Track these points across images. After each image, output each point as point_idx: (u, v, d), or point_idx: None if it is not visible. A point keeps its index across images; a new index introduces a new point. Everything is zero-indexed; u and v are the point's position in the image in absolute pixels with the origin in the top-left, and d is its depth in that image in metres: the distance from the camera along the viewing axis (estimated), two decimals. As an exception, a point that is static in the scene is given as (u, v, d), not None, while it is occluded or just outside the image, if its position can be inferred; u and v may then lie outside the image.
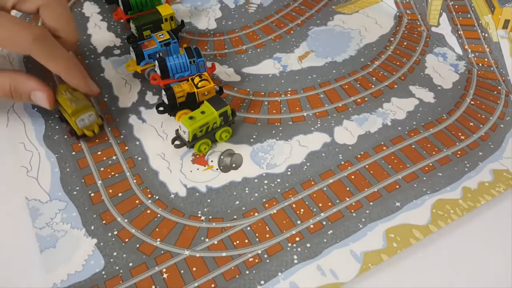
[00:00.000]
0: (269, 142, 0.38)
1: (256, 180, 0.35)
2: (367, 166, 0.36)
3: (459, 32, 0.45)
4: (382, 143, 0.37)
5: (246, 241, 0.31)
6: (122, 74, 0.44)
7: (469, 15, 0.43)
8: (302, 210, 0.33)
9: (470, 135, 0.38)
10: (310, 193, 0.34)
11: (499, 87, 0.42)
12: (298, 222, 0.32)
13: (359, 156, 0.36)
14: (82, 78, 0.37)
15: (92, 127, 0.37)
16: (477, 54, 0.44)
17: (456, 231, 0.32)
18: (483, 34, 0.43)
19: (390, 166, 0.35)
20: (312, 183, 0.34)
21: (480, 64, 0.44)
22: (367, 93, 0.42)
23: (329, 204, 0.33)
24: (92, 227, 0.32)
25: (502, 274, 0.29)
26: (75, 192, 0.34)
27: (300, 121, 0.39)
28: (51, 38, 0.35)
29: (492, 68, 0.43)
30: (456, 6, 0.44)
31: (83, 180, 0.35)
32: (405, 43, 0.48)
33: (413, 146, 0.37)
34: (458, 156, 0.36)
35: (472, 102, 0.41)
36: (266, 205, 0.33)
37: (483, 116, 0.40)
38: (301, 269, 0.29)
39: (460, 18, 0.44)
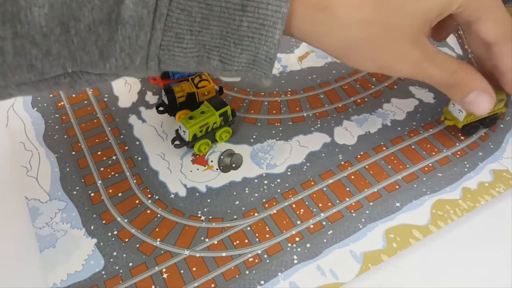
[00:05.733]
0: (269, 142, 0.38)
1: (256, 180, 0.35)
2: (367, 167, 0.36)
3: (459, 32, 0.45)
4: (382, 143, 0.37)
5: (246, 241, 0.31)
6: (122, 74, 0.44)
7: (469, 15, 0.43)
8: (302, 210, 0.33)
9: (469, 136, 0.38)
10: (310, 193, 0.34)
11: (499, 87, 0.42)
12: (298, 222, 0.32)
13: (359, 156, 0.36)
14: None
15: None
16: (477, 54, 0.44)
17: (456, 232, 0.32)
18: (483, 34, 0.42)
19: (390, 167, 0.35)
20: (312, 183, 0.34)
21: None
22: (367, 93, 0.42)
23: (329, 204, 0.33)
24: (92, 227, 0.32)
25: (502, 274, 0.29)
26: (75, 192, 0.34)
27: (300, 121, 0.39)
28: None
29: (492, 68, 0.43)
30: (456, 6, 0.44)
31: (83, 180, 0.35)
32: (405, 43, 0.48)
33: (412, 147, 0.37)
34: (457, 156, 0.36)
35: (472, 102, 0.41)
36: (266, 205, 0.33)
37: (483, 116, 0.40)
38: (301, 269, 0.29)
39: (460, 18, 0.44)
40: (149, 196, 0.34)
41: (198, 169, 0.36)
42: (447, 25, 0.33)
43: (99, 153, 0.37)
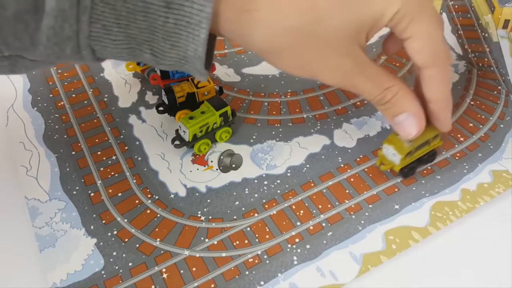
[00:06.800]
0: (269, 143, 0.38)
1: (256, 181, 0.35)
2: (366, 169, 0.35)
3: (459, 32, 0.45)
4: (381, 147, 0.37)
5: (246, 241, 0.31)
6: (122, 74, 0.44)
7: (469, 15, 0.43)
8: (301, 211, 0.33)
9: (469, 137, 0.38)
10: (310, 194, 0.34)
11: (499, 87, 0.42)
12: (298, 223, 0.32)
13: (358, 159, 0.36)
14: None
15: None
16: (477, 54, 0.44)
17: (455, 233, 0.32)
18: (483, 34, 0.43)
19: (389, 170, 0.35)
20: (312, 184, 0.34)
21: (480, 64, 0.44)
22: (367, 94, 0.42)
23: (329, 206, 0.33)
24: (92, 227, 0.32)
25: (502, 275, 0.29)
26: (74, 192, 0.34)
27: (300, 123, 0.39)
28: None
29: (492, 68, 0.43)
30: (456, 6, 0.44)
31: (82, 180, 0.35)
32: (405, 44, 0.48)
33: (412, 149, 0.37)
34: (457, 158, 0.36)
35: (472, 103, 0.41)
36: (266, 206, 0.33)
37: (483, 117, 0.40)
38: (301, 270, 0.29)
39: (460, 18, 0.44)
40: (149, 196, 0.34)
41: (198, 169, 0.36)
42: (394, 39, 0.31)
43: (99, 153, 0.37)
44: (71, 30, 0.23)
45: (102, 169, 0.36)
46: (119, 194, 0.34)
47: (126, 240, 0.31)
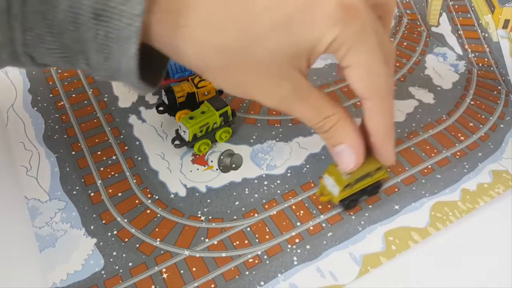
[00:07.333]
0: (269, 143, 0.38)
1: (256, 181, 0.35)
2: (366, 168, 0.36)
3: (459, 32, 0.45)
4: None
5: (246, 241, 0.31)
6: (122, 73, 0.44)
7: (469, 15, 0.43)
8: (301, 212, 0.33)
9: (469, 136, 0.38)
10: (310, 195, 0.34)
11: (499, 87, 0.42)
12: (298, 223, 0.32)
13: (358, 158, 0.36)
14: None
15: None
16: (477, 54, 0.44)
17: (455, 233, 0.32)
18: (483, 34, 0.43)
19: (388, 169, 0.35)
20: (312, 185, 0.34)
21: (480, 64, 0.44)
22: (367, 94, 0.42)
23: (329, 206, 0.33)
24: (92, 227, 0.32)
25: (502, 275, 0.29)
26: (74, 192, 0.34)
27: (300, 123, 0.39)
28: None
29: (492, 68, 0.43)
30: (456, 6, 0.44)
31: (82, 180, 0.35)
32: (405, 43, 0.48)
33: (412, 149, 0.37)
34: (457, 157, 0.36)
35: (472, 103, 0.41)
36: (266, 206, 0.33)
37: (483, 116, 0.40)
38: (301, 271, 0.29)
39: (460, 18, 0.44)
40: (149, 196, 0.34)
41: (198, 169, 0.36)
42: None
43: (99, 153, 0.37)
44: (5, 37, 0.23)
45: (102, 169, 0.36)
46: (119, 194, 0.34)
47: (126, 240, 0.31)
